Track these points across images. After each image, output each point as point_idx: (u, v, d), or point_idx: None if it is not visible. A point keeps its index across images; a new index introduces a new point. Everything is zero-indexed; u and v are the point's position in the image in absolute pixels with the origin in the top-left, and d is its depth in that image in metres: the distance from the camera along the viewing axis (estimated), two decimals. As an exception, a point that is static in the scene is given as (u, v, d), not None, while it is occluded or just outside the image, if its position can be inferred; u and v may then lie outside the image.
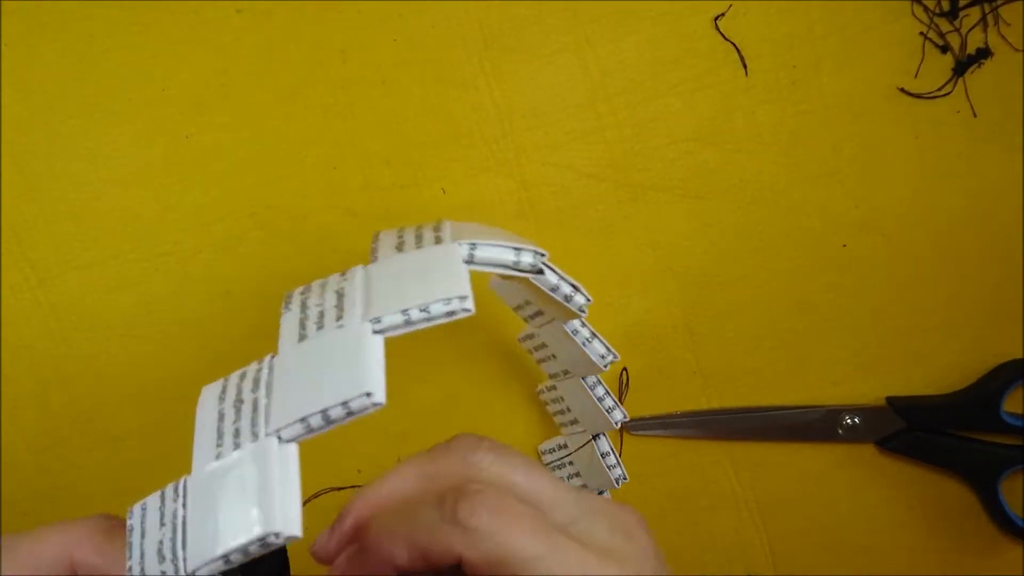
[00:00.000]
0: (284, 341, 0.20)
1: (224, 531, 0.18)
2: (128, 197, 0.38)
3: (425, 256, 0.23)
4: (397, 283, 0.22)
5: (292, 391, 0.19)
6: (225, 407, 0.19)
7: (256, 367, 0.20)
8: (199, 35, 0.37)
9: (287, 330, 0.20)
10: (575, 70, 0.37)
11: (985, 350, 0.39)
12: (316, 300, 0.21)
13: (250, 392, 0.19)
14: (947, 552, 0.40)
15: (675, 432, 0.40)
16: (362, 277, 0.22)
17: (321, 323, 0.20)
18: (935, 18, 0.37)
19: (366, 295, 0.21)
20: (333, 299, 0.21)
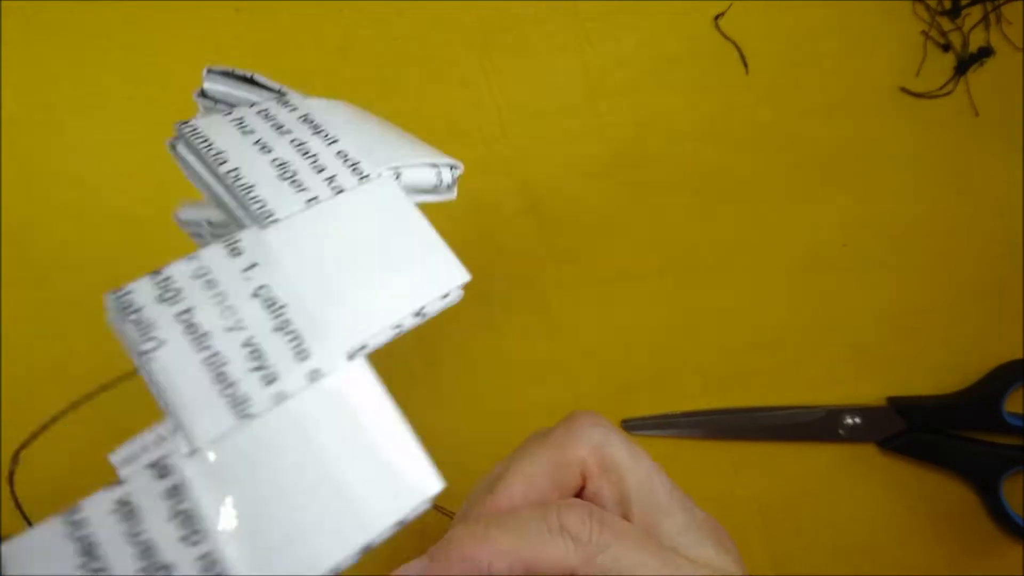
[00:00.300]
0: (195, 421, 0.14)
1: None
2: (128, 197, 0.37)
3: (372, 220, 0.17)
4: (351, 253, 0.16)
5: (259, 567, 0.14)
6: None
7: (157, 492, 0.13)
8: (199, 34, 0.37)
9: (179, 388, 0.14)
10: (575, 69, 0.37)
11: (986, 350, 0.39)
12: (215, 318, 0.14)
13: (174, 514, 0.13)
14: (948, 552, 0.40)
15: (675, 432, 0.40)
16: (264, 249, 0.15)
17: (262, 365, 0.14)
18: (937, 17, 0.37)
19: (303, 283, 0.15)
20: (259, 313, 0.15)
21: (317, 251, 0.15)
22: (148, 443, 0.13)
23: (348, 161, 0.17)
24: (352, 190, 0.17)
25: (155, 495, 0.13)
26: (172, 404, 0.13)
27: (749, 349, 0.39)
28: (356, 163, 0.17)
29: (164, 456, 0.13)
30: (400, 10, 0.37)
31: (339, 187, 0.17)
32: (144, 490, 0.13)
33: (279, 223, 0.16)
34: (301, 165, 0.17)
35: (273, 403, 0.13)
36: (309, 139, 0.17)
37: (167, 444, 0.13)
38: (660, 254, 0.39)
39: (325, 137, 0.18)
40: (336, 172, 0.17)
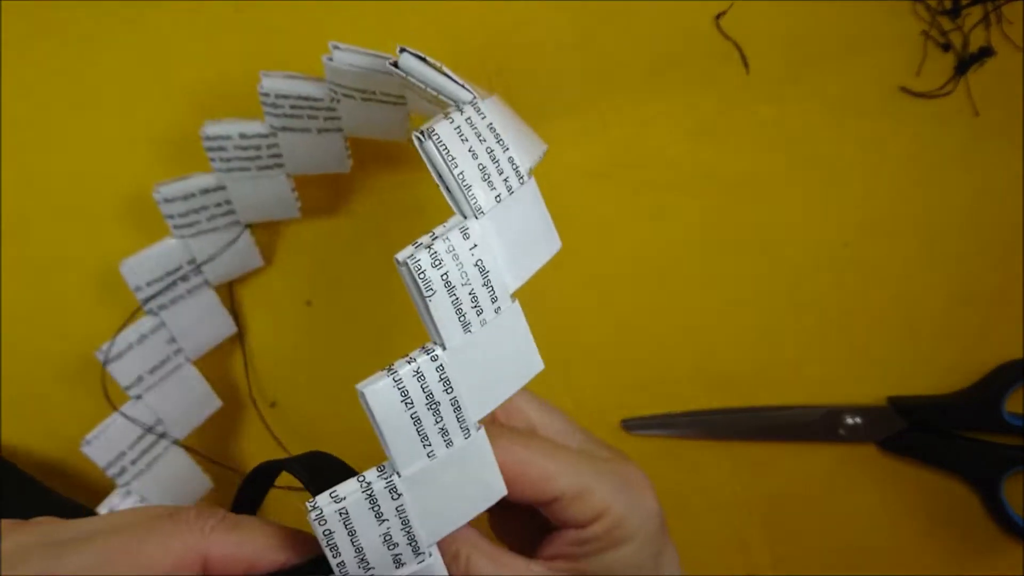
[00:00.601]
0: (446, 330, 0.22)
1: (463, 509, 0.23)
2: (127, 196, 0.37)
3: (528, 209, 0.25)
4: (518, 238, 0.23)
5: (481, 385, 0.23)
6: (418, 409, 0.21)
7: (427, 361, 0.21)
8: (198, 34, 0.37)
9: (443, 317, 0.22)
10: (576, 68, 0.37)
11: (986, 350, 0.39)
12: (459, 277, 0.22)
13: (443, 393, 0.22)
14: (948, 552, 0.40)
15: (675, 432, 0.40)
16: (481, 233, 0.22)
17: (478, 307, 0.22)
18: (937, 16, 0.37)
19: (496, 257, 0.23)
20: (477, 275, 0.22)
21: (502, 234, 0.23)
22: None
23: (514, 165, 0.24)
24: (517, 189, 0.24)
25: None
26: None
27: (749, 349, 0.39)
28: (517, 167, 0.24)
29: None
30: (400, 10, 0.37)
31: (511, 187, 0.23)
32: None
33: (486, 215, 0.23)
34: (491, 169, 0.23)
35: (493, 315, 0.23)
36: (495, 147, 0.23)
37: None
38: (660, 254, 0.39)
39: (502, 145, 0.24)
40: (509, 175, 0.24)
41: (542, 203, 0.25)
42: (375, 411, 0.21)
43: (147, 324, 0.35)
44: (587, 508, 0.25)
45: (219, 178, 0.34)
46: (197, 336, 0.37)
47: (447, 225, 0.22)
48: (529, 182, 0.24)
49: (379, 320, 0.39)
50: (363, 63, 0.30)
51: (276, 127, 0.33)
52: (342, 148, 0.35)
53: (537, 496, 0.25)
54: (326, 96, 0.33)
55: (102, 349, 0.34)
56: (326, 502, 0.21)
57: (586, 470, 0.26)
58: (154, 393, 0.36)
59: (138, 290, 0.34)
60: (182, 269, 0.35)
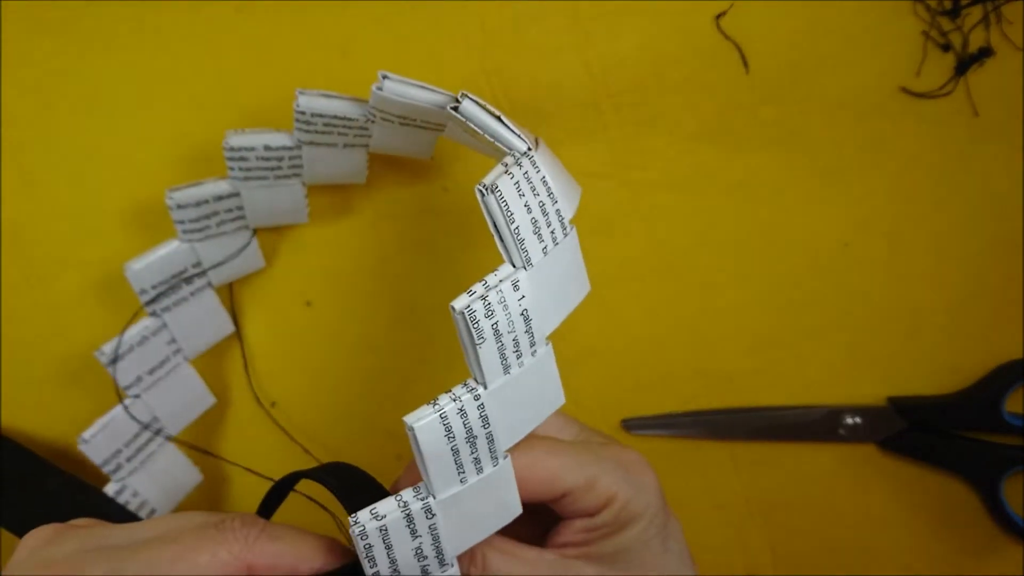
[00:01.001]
0: (490, 373, 0.23)
1: (482, 525, 0.25)
2: (128, 196, 0.37)
3: (569, 259, 0.26)
4: (557, 284, 0.25)
5: (513, 420, 0.25)
6: (458, 443, 0.23)
7: (471, 400, 0.23)
8: (199, 33, 0.37)
9: (489, 361, 0.23)
10: (576, 68, 0.37)
11: (986, 350, 0.39)
12: (506, 326, 0.23)
13: (480, 427, 0.23)
14: (948, 552, 0.40)
15: (675, 432, 0.40)
16: (529, 284, 0.24)
17: (518, 351, 0.24)
18: (937, 17, 0.37)
19: (539, 305, 0.24)
20: (522, 323, 0.24)
21: (546, 282, 0.25)
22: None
23: (560, 218, 0.25)
24: (562, 241, 0.25)
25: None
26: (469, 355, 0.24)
27: (749, 349, 0.39)
28: (563, 219, 0.25)
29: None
30: (400, 10, 0.37)
31: (557, 239, 0.25)
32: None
33: (534, 267, 0.24)
34: (542, 222, 0.25)
35: (530, 359, 0.24)
36: (546, 200, 0.25)
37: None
38: (660, 254, 0.39)
39: (552, 199, 0.25)
40: (555, 227, 0.25)
41: (579, 250, 0.27)
42: (421, 444, 0.23)
43: (149, 326, 0.35)
44: (595, 498, 0.26)
45: (234, 185, 0.34)
46: (197, 336, 0.37)
47: (499, 275, 0.24)
48: (571, 232, 0.26)
49: (379, 320, 0.39)
50: (417, 96, 0.30)
51: (303, 141, 0.33)
52: (363, 162, 0.35)
53: (547, 495, 0.26)
54: (362, 117, 0.33)
55: (103, 350, 0.34)
56: (367, 519, 0.23)
57: (589, 461, 0.27)
58: (151, 392, 0.36)
59: (143, 293, 0.34)
60: (187, 272, 0.35)
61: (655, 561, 0.27)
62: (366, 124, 0.33)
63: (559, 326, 0.26)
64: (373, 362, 0.39)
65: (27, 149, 0.37)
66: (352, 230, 0.38)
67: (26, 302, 0.38)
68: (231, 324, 0.38)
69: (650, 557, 0.27)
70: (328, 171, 0.35)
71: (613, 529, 0.27)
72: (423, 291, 0.39)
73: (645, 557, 0.27)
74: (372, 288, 0.39)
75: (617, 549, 0.27)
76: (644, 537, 0.27)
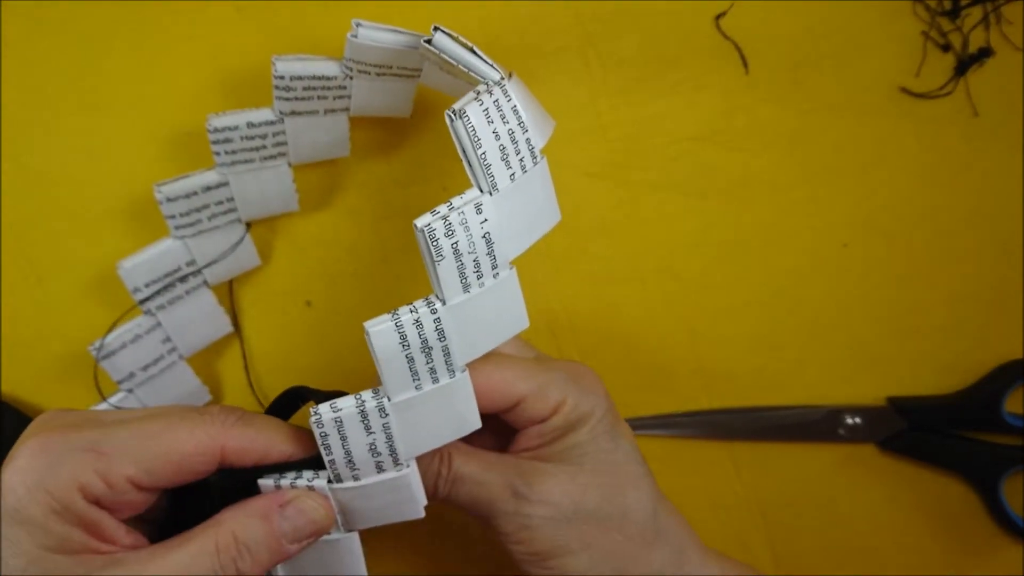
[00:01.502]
0: (448, 290, 0.25)
1: (438, 433, 0.27)
2: (128, 196, 0.37)
3: (538, 186, 0.27)
4: (524, 211, 0.26)
5: (471, 336, 0.26)
6: (413, 351, 0.25)
7: (427, 313, 0.25)
8: (199, 34, 0.37)
9: (447, 278, 0.24)
10: (576, 68, 0.37)
11: (986, 350, 0.39)
12: (467, 246, 0.24)
13: (436, 340, 0.25)
14: (948, 552, 0.40)
15: (676, 432, 0.40)
16: (493, 208, 0.25)
17: (479, 271, 0.25)
18: (937, 17, 0.37)
19: (503, 229, 0.25)
20: (483, 245, 0.25)
21: (512, 209, 0.25)
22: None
23: (530, 146, 0.26)
24: (531, 169, 0.26)
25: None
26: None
27: (749, 349, 0.39)
28: (533, 148, 0.26)
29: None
30: (401, 10, 0.37)
31: (525, 167, 0.26)
32: None
33: (500, 192, 0.25)
34: (510, 149, 0.25)
35: (492, 280, 0.26)
36: (516, 128, 0.25)
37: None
38: (660, 254, 0.39)
39: (523, 127, 0.25)
40: (525, 155, 0.26)
41: (550, 180, 0.27)
42: (375, 346, 0.25)
43: (143, 324, 0.35)
44: (546, 404, 0.29)
45: (222, 173, 0.34)
46: (193, 335, 0.37)
47: (464, 198, 0.25)
48: (541, 161, 0.26)
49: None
50: (389, 40, 0.31)
51: (284, 112, 0.33)
52: (345, 130, 0.36)
53: (502, 402, 0.29)
54: (339, 74, 0.33)
55: (95, 345, 0.34)
56: (326, 410, 0.25)
57: (540, 372, 0.29)
58: (145, 388, 0.36)
59: (136, 291, 0.34)
60: (181, 270, 0.35)
61: (604, 457, 0.30)
62: (344, 82, 0.33)
63: (562, 315, 0.26)
64: (373, 362, 0.39)
65: (27, 149, 0.37)
66: (352, 230, 0.38)
67: (26, 302, 0.38)
68: (229, 323, 0.38)
69: (600, 453, 0.30)
70: (312, 144, 0.35)
71: (564, 431, 0.30)
72: (423, 291, 0.39)
73: (595, 453, 0.30)
74: (372, 288, 0.39)
75: (568, 447, 0.30)
76: (593, 435, 0.30)
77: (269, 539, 0.26)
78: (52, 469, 0.24)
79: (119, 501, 0.25)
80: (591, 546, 0.29)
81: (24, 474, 0.24)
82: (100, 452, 0.25)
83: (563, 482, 0.29)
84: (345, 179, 0.38)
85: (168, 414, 0.26)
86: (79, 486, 0.24)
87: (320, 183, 0.38)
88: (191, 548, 0.25)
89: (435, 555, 0.40)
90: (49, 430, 0.25)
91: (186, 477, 0.26)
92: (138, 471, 0.25)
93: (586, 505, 0.29)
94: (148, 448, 0.25)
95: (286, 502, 0.26)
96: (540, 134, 0.26)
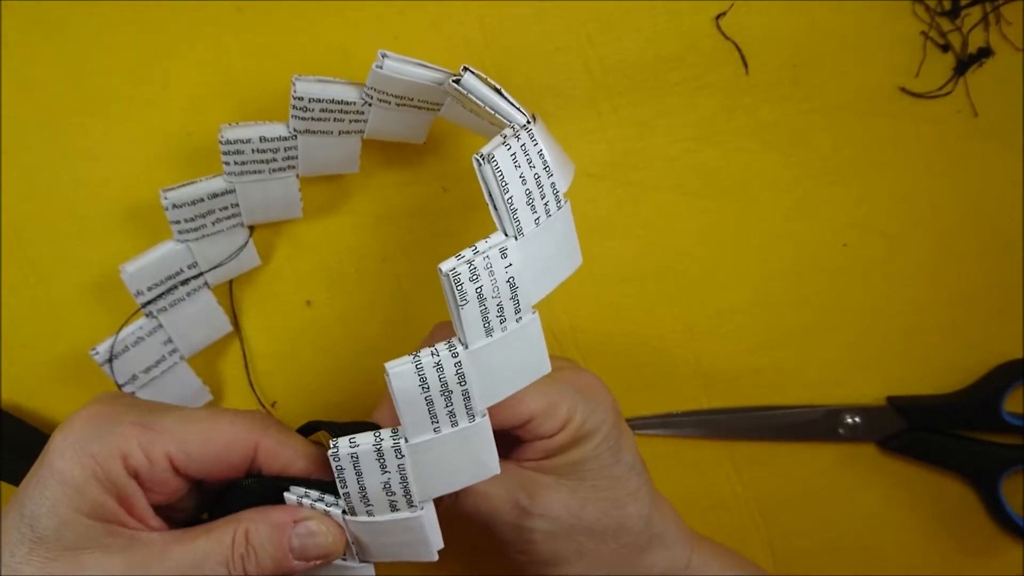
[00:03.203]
0: (471, 334, 0.25)
1: (454, 477, 0.27)
2: (128, 196, 0.37)
3: (561, 230, 0.27)
4: (548, 255, 0.26)
5: (492, 381, 0.26)
6: (432, 394, 0.25)
7: (448, 357, 0.25)
8: (199, 33, 0.37)
9: (470, 323, 0.24)
10: (576, 68, 0.37)
11: (985, 350, 0.39)
12: (491, 291, 0.24)
13: (456, 383, 0.25)
14: (948, 552, 0.40)
15: (675, 431, 0.40)
16: (518, 252, 0.25)
17: (502, 316, 0.25)
18: (936, 17, 0.37)
19: (526, 274, 0.25)
20: (507, 290, 0.25)
21: (536, 253, 0.25)
22: None
23: (555, 190, 0.26)
24: (555, 213, 0.26)
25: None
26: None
27: (749, 349, 0.39)
28: (557, 193, 0.26)
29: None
30: (401, 10, 0.37)
31: (550, 211, 0.26)
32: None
33: (525, 237, 0.25)
34: (536, 194, 0.25)
35: (514, 325, 0.25)
36: (541, 173, 0.26)
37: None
38: (660, 254, 0.39)
39: (547, 171, 0.26)
40: (549, 199, 0.26)
41: (572, 224, 0.27)
42: (395, 390, 0.25)
43: (145, 326, 0.35)
44: (554, 422, 0.29)
45: (229, 181, 0.34)
46: (193, 336, 0.37)
47: (489, 242, 0.25)
48: (565, 205, 0.26)
49: (379, 320, 0.39)
50: (416, 74, 0.31)
51: (299, 130, 0.33)
52: (357, 150, 0.36)
53: (512, 420, 0.29)
54: (358, 100, 0.33)
55: (98, 350, 0.34)
56: (343, 444, 0.26)
57: (549, 388, 0.29)
58: (147, 390, 0.36)
59: (139, 295, 0.34)
60: (183, 273, 0.35)
61: (606, 472, 0.30)
62: (362, 108, 0.33)
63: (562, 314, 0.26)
64: (373, 362, 0.39)
65: (27, 149, 0.37)
66: (352, 230, 0.38)
67: (26, 302, 0.38)
68: (228, 323, 0.38)
69: (602, 468, 0.30)
70: (323, 161, 0.35)
71: (569, 446, 0.30)
72: (423, 291, 0.39)
73: (597, 468, 0.30)
74: (372, 288, 0.39)
75: (571, 462, 0.30)
76: (596, 452, 0.30)
77: (276, 549, 0.27)
78: (100, 435, 0.26)
79: (155, 480, 0.26)
80: (587, 555, 0.30)
81: (74, 437, 0.26)
82: (147, 427, 0.26)
83: (564, 497, 0.30)
84: (346, 181, 0.38)
85: (210, 410, 0.28)
86: (122, 454, 0.26)
87: (322, 187, 0.38)
88: (210, 537, 0.26)
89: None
90: (103, 403, 0.27)
91: (221, 468, 0.27)
92: (179, 451, 0.26)
93: (585, 519, 0.30)
94: (191, 431, 0.27)
95: (299, 519, 0.27)
96: (564, 178, 0.27)
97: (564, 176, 0.27)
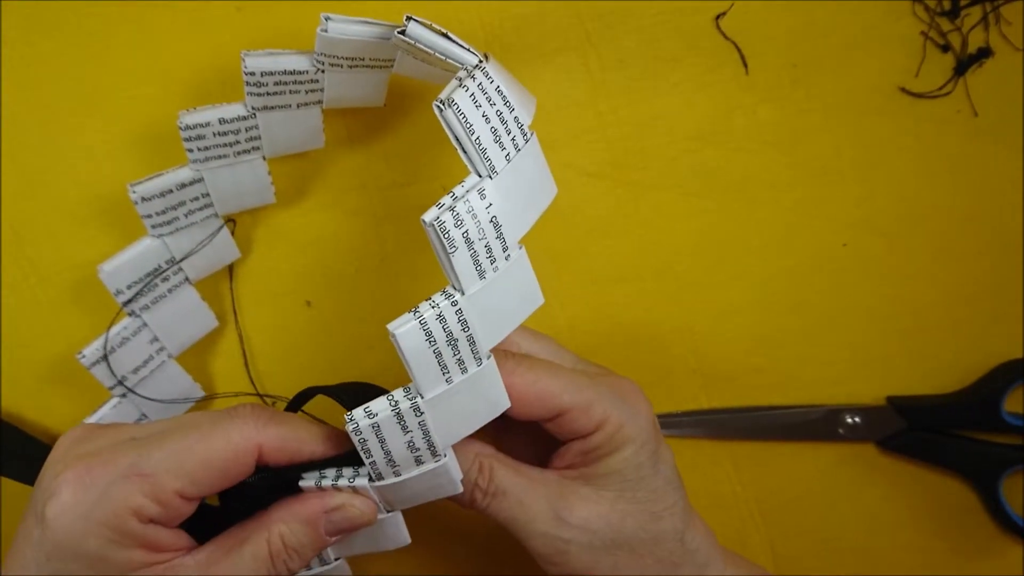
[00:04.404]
0: (465, 279, 0.25)
1: (471, 420, 0.27)
2: (128, 196, 0.37)
3: (532, 164, 0.27)
4: (524, 190, 0.26)
5: (492, 321, 0.26)
6: (440, 346, 0.25)
7: (448, 306, 0.24)
8: (199, 33, 0.37)
9: (463, 268, 0.24)
10: (576, 68, 0.37)
11: (985, 350, 0.39)
12: (477, 233, 0.24)
13: (460, 331, 0.25)
14: (948, 552, 0.40)
15: (675, 431, 0.40)
16: (495, 191, 0.25)
17: (492, 257, 0.25)
18: (936, 17, 0.37)
19: (507, 210, 0.25)
20: (492, 229, 0.25)
21: (513, 189, 0.25)
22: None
23: (519, 124, 0.26)
24: (523, 147, 0.26)
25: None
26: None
27: (749, 349, 0.39)
28: (522, 126, 0.26)
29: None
30: (401, 10, 0.37)
31: (518, 146, 0.26)
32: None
33: (499, 175, 0.25)
34: (501, 131, 0.25)
35: (504, 263, 0.26)
36: (503, 109, 0.25)
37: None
38: (660, 254, 0.39)
39: (509, 107, 0.26)
40: (516, 134, 0.26)
41: (542, 155, 0.27)
42: (403, 347, 0.24)
43: (130, 326, 0.35)
44: (590, 419, 0.29)
45: (195, 170, 0.34)
46: (180, 333, 0.37)
47: (465, 186, 0.24)
48: (532, 138, 0.26)
49: (379, 320, 0.39)
50: (361, 32, 0.30)
51: (256, 107, 0.33)
52: (318, 123, 0.35)
53: (545, 412, 0.29)
54: (311, 68, 0.32)
55: (84, 353, 0.34)
56: (361, 416, 0.25)
57: (585, 385, 0.29)
58: (138, 390, 0.36)
59: (119, 294, 0.34)
60: (161, 269, 0.35)
61: (645, 484, 0.30)
62: (316, 76, 0.33)
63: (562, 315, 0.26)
64: (373, 362, 0.39)
65: (27, 149, 0.37)
66: (352, 230, 0.38)
67: (26, 302, 0.38)
68: (214, 319, 0.38)
69: (641, 480, 0.30)
70: (286, 138, 0.35)
71: (607, 451, 0.29)
72: (423, 291, 0.39)
73: (637, 480, 0.29)
74: (372, 288, 0.39)
75: (611, 471, 0.29)
76: (636, 460, 0.29)
77: (316, 542, 0.27)
78: (101, 502, 0.24)
79: (170, 516, 0.26)
80: (621, 569, 0.29)
81: (72, 509, 0.24)
82: (144, 475, 0.25)
83: (604, 510, 0.29)
84: (345, 179, 0.38)
85: (199, 423, 0.26)
86: (132, 512, 0.25)
87: (320, 184, 0.38)
88: (245, 553, 0.26)
89: (449, 554, 0.40)
90: (85, 458, 0.25)
91: (231, 480, 0.26)
92: (184, 484, 0.25)
93: (623, 533, 0.29)
94: (188, 461, 0.25)
95: (332, 508, 0.27)
96: (526, 111, 0.26)
97: (526, 109, 0.27)
